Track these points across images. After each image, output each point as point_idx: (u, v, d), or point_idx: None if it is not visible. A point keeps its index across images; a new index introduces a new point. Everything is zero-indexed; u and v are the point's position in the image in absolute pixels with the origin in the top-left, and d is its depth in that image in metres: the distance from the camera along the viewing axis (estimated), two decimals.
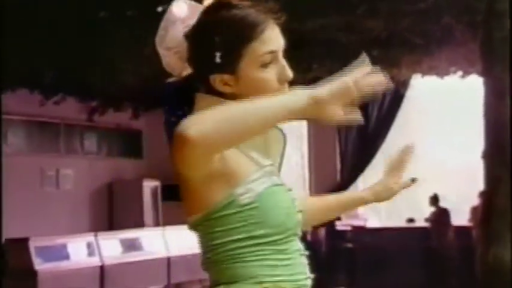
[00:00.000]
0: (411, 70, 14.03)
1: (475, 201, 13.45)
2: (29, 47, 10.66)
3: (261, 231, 2.45)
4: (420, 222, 16.42)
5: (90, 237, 13.29)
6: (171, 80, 2.68)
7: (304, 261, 2.56)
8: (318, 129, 16.46)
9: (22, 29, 10.02)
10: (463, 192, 14.69)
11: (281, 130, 2.56)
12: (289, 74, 2.54)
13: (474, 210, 14.18)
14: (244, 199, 2.45)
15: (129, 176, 17.30)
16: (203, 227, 2.55)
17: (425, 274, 15.45)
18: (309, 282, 2.55)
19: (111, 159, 17.03)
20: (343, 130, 17.08)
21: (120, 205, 17.01)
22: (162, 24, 2.66)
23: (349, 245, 15.47)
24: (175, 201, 12.69)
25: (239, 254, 2.47)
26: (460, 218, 15.71)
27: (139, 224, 16.32)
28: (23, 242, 11.94)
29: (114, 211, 17.02)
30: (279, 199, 2.50)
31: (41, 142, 15.28)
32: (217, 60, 2.46)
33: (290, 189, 2.58)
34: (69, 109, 14.39)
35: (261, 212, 2.46)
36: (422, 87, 16.25)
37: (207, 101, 2.49)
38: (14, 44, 10.48)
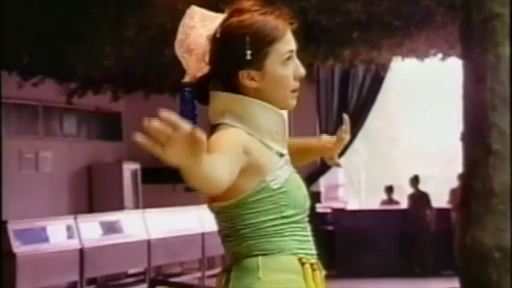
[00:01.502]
0: (391, 52, 14.07)
1: (454, 183, 13.54)
2: (6, 28, 10.63)
3: (290, 212, 2.82)
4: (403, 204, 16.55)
5: (69, 220, 13.27)
6: (185, 80, 2.94)
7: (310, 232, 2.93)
8: (298, 112, 16.49)
9: (3, 10, 10.00)
10: (442, 175, 14.79)
11: (281, 113, 2.90)
12: (303, 71, 2.90)
13: (453, 192, 14.27)
14: (275, 184, 2.81)
15: (108, 158, 17.32)
16: (236, 209, 2.82)
17: (404, 255, 15.54)
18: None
19: (90, 142, 17.04)
20: (323, 113, 17.14)
21: (99, 188, 17.02)
22: (180, 29, 2.96)
23: (330, 227, 15.51)
24: (155, 184, 12.79)
25: (275, 230, 2.80)
26: (440, 200, 15.83)
27: (119, 206, 16.33)
28: (1, 225, 11.93)
29: (93, 194, 17.04)
30: (299, 184, 2.90)
31: (19, 125, 15.26)
32: (248, 57, 2.78)
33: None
34: (48, 91, 14.37)
35: (289, 195, 2.83)
36: (402, 70, 16.33)
37: (225, 99, 2.86)
38: None
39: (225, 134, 2.76)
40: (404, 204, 16.54)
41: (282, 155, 2.87)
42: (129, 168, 17.27)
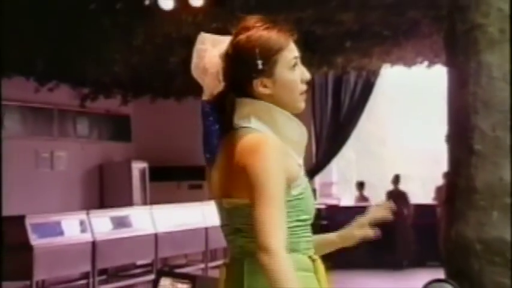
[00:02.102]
0: (381, 60, 14.09)
1: (440, 181, 13.55)
2: (24, 36, 10.64)
3: (305, 216, 2.91)
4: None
5: (82, 215, 13.28)
6: (204, 98, 3.03)
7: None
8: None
9: (18, 19, 10.00)
10: (428, 173, 14.77)
11: (304, 128, 2.99)
12: (308, 75, 2.98)
13: (439, 190, 14.28)
14: (296, 191, 2.87)
15: (118, 158, 17.31)
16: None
17: (393, 248, 15.54)
18: None
19: (101, 143, 17.03)
20: (318, 116, 17.15)
21: (110, 185, 17.02)
22: (195, 54, 3.01)
23: (324, 222, 15.51)
24: (162, 181, 12.75)
25: (291, 232, 2.82)
26: (427, 197, 15.83)
27: (128, 202, 16.34)
28: (19, 219, 11.94)
29: (104, 190, 17.03)
30: (310, 192, 2.96)
31: (36, 126, 15.26)
32: (260, 66, 2.87)
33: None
34: (63, 95, 14.36)
35: (304, 201, 2.90)
36: (391, 76, 16.33)
37: (250, 104, 2.92)
38: (10, 34, 10.47)
39: (274, 154, 2.80)
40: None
41: (301, 166, 2.94)
42: (137, 167, 17.26)
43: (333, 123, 17.16)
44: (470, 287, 5.29)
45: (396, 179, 15.78)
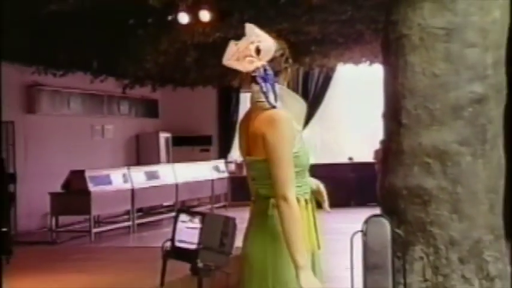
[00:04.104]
0: (337, 60, 14.09)
1: (377, 146, 13.56)
2: (84, 43, 10.65)
3: (298, 168, 2.81)
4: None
5: (124, 170, 13.33)
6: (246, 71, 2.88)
7: (309, 181, 2.98)
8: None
9: (80, 32, 10.00)
10: (370, 141, 14.78)
11: (303, 102, 3.00)
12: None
13: (376, 152, 14.30)
14: (294, 149, 2.79)
15: (149, 129, 17.32)
16: (266, 163, 2.79)
17: (345, 193, 15.63)
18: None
19: (137, 119, 17.04)
20: None
21: (143, 149, 17.05)
22: (227, 51, 2.86)
23: None
24: (181, 146, 12.83)
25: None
26: (369, 157, 15.89)
27: (157, 161, 16.36)
28: (81, 173, 11.98)
29: (140, 153, 17.06)
30: (305, 150, 2.88)
31: (91, 107, 15.27)
32: (287, 54, 2.93)
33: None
34: (110, 85, 14.36)
35: (299, 157, 2.82)
36: (344, 71, 16.33)
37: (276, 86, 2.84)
38: (75, 43, 10.49)
39: (287, 125, 2.77)
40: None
41: (299, 131, 2.88)
42: (163, 136, 17.29)
43: None
44: (398, 220, 5.33)
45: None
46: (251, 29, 2.85)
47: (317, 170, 3.39)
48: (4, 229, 9.37)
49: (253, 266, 2.81)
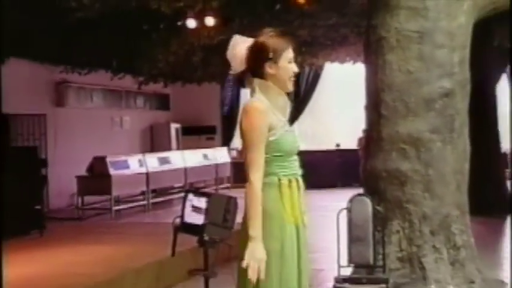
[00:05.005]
0: (324, 59, 14.04)
1: (360, 134, 13.55)
2: (105, 45, 10.62)
3: (278, 153, 2.75)
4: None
5: (140, 156, 13.29)
6: (231, 73, 2.89)
7: (297, 164, 2.87)
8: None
9: (100, 34, 9.96)
10: (355, 130, 14.78)
11: (288, 98, 2.91)
12: (296, 69, 2.91)
13: (360, 140, 14.29)
14: (272, 137, 2.74)
15: (162, 121, 17.27)
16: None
17: (332, 175, 15.62)
18: (300, 174, 2.88)
19: (151, 111, 16.98)
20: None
21: (157, 137, 17.00)
22: (230, 47, 2.89)
23: None
24: (189, 135, 12.78)
25: (270, 162, 2.74)
26: (352, 144, 15.87)
27: (168, 148, 16.35)
28: (102, 159, 11.96)
29: (153, 141, 17.02)
30: (288, 137, 2.80)
31: (111, 101, 15.20)
32: (270, 55, 2.80)
33: (294, 132, 2.93)
34: (127, 82, 14.30)
35: (278, 144, 2.75)
36: (331, 69, 16.29)
37: (257, 82, 2.82)
38: (97, 45, 10.45)
39: (257, 114, 2.73)
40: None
41: (281, 121, 2.81)
42: (174, 126, 17.23)
43: (295, 99, 17.14)
44: (378, 198, 5.33)
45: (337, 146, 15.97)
46: (236, 39, 2.91)
47: (308, 156, 3.35)
48: (38, 207, 9.43)
49: (242, 236, 2.77)
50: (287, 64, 2.86)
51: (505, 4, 5.57)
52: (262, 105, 2.77)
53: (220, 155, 16.03)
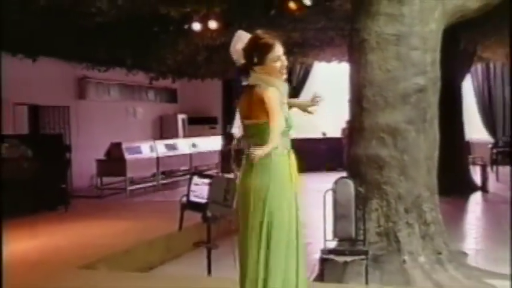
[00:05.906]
0: (313, 58, 13.99)
1: (344, 125, 13.52)
2: (120, 45, 10.56)
3: (287, 128, 2.91)
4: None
5: (151, 142, 13.29)
6: (237, 64, 2.95)
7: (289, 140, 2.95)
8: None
9: (117, 35, 9.89)
10: (339, 121, 14.75)
11: (286, 83, 3.00)
12: (286, 63, 2.97)
13: (343, 130, 14.28)
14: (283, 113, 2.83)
15: (170, 112, 17.22)
16: (263, 125, 2.82)
17: (317, 159, 15.52)
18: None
19: (161, 104, 16.92)
20: None
21: (166, 126, 16.97)
22: (233, 42, 2.95)
23: None
24: (194, 125, 12.71)
25: (281, 135, 2.83)
26: (337, 133, 15.86)
27: (176, 136, 16.31)
28: (119, 145, 11.95)
29: (163, 129, 16.99)
30: (291, 115, 2.96)
31: (126, 94, 15.14)
32: (255, 60, 2.89)
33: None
34: (140, 77, 14.28)
35: (287, 120, 2.89)
36: (319, 68, 16.25)
37: (254, 75, 2.90)
38: (113, 45, 10.38)
39: (272, 94, 2.81)
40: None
41: (283, 103, 2.92)
42: (181, 117, 17.19)
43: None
44: (360, 181, 5.33)
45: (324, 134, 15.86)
46: (239, 35, 2.96)
47: (297, 143, 3.36)
48: (63, 186, 9.54)
49: (255, 193, 2.85)
50: (273, 64, 2.92)
51: (470, 12, 5.57)
52: (275, 90, 2.86)
53: (221, 143, 16.00)
